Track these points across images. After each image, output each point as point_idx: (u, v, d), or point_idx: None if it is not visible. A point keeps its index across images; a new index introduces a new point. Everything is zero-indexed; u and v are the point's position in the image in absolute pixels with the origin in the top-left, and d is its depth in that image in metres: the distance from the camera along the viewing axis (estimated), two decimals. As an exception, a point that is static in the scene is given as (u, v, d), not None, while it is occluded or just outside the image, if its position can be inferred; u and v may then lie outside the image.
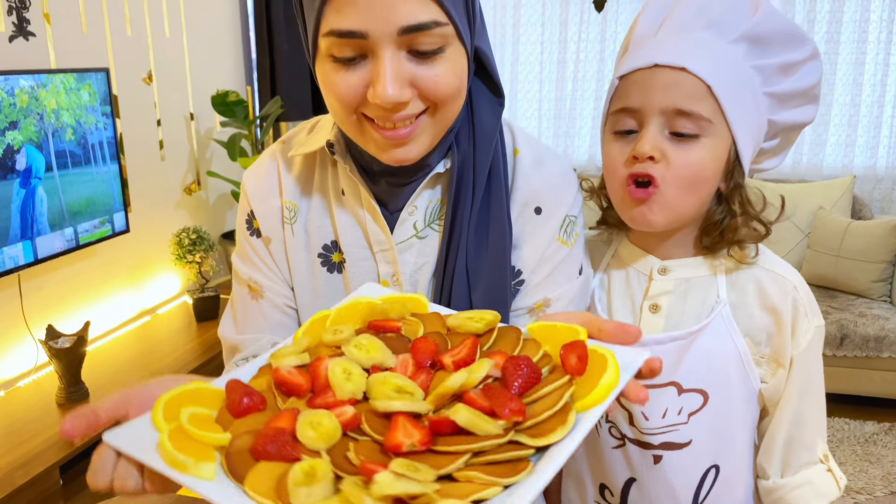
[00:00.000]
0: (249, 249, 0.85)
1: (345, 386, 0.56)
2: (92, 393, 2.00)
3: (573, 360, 0.55)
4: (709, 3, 0.79)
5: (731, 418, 0.84)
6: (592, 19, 3.64)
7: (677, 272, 0.84)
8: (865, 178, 3.47)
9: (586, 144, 3.81)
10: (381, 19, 0.62)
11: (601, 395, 0.52)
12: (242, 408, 0.56)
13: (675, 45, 0.78)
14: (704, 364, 0.82)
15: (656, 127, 0.76)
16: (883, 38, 3.34)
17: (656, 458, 0.85)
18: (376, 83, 0.65)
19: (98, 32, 2.32)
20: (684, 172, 0.76)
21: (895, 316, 2.81)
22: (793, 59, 0.79)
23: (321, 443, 0.52)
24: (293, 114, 3.22)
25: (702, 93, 0.75)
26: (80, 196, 2.15)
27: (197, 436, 0.52)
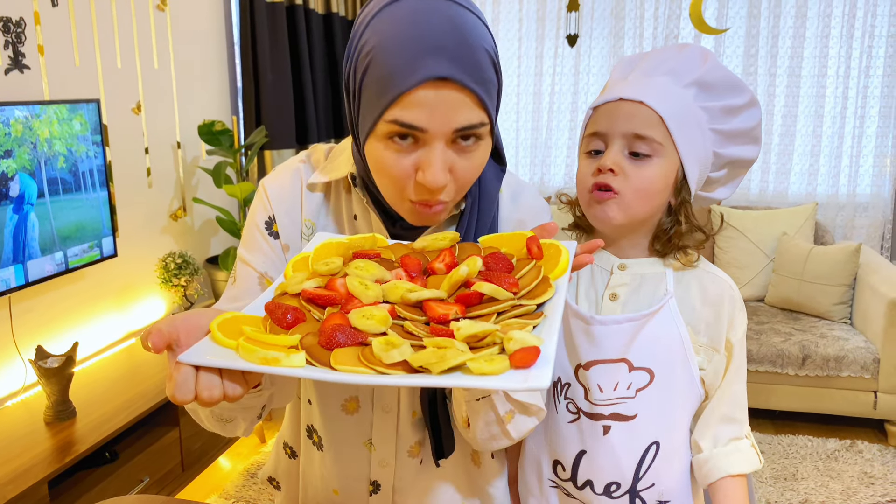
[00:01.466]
0: (267, 248, 0.92)
1: (367, 293, 0.68)
2: (79, 411, 2.07)
3: (535, 249, 0.73)
4: (668, 56, 0.99)
5: (672, 399, 0.98)
6: (566, 53, 3.79)
7: (634, 269, 1.01)
8: (827, 206, 3.62)
9: (561, 173, 3.94)
10: (441, 122, 0.75)
11: (563, 267, 0.70)
12: (288, 322, 0.66)
13: (637, 85, 0.97)
14: (652, 346, 0.97)
15: (618, 147, 0.95)
16: (841, 72, 3.51)
17: (605, 428, 0.98)
18: (426, 169, 0.76)
19: (90, 65, 2.42)
20: (638, 185, 0.94)
21: (854, 337, 2.94)
22: (734, 103, 0.98)
23: (380, 326, 0.63)
24: (277, 143, 3.32)
25: (655, 121, 0.94)
26: (71, 221, 2.23)
27: (272, 340, 0.61)
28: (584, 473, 1.00)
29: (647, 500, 0.99)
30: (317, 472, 1.04)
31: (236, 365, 0.59)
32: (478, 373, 0.57)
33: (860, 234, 3.61)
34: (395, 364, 0.58)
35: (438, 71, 0.73)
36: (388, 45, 0.74)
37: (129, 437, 2.20)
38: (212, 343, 0.62)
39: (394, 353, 0.58)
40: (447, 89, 0.74)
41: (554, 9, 3.76)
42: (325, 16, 3.60)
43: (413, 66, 0.73)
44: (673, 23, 3.63)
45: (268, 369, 0.59)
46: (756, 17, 3.54)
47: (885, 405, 2.86)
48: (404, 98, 0.74)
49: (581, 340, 1.00)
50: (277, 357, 0.59)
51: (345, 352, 0.61)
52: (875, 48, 3.47)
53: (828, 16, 3.48)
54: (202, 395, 0.60)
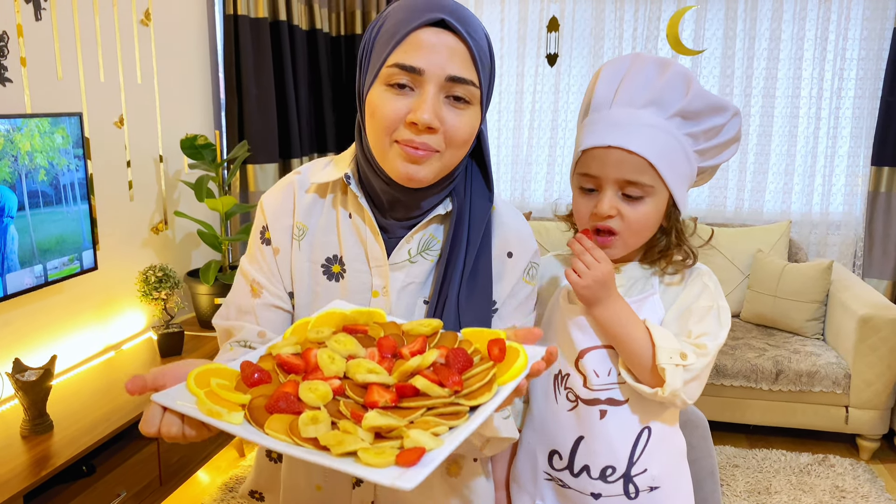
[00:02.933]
0: (259, 254, 1.01)
1: (330, 367, 0.76)
2: (56, 425, 2.06)
3: (496, 351, 0.78)
4: (649, 82, 1.02)
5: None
6: (546, 72, 3.85)
7: (627, 272, 1.10)
8: (801, 223, 3.69)
9: (541, 189, 3.99)
10: (437, 64, 0.85)
11: (515, 373, 0.75)
12: (254, 380, 0.75)
13: (623, 128, 1.00)
14: None
15: (612, 191, 1.01)
16: (814, 93, 3.60)
17: (602, 412, 1.05)
18: (418, 108, 0.85)
19: (72, 78, 2.43)
20: (635, 224, 1.02)
21: (826, 353, 2.99)
22: (717, 123, 1.03)
23: (319, 401, 0.72)
24: (260, 157, 3.34)
25: (644, 167, 1.00)
26: (51, 234, 2.24)
27: (226, 395, 0.72)
28: (581, 459, 1.07)
29: (640, 485, 1.06)
30: (300, 470, 1.06)
31: (187, 411, 0.70)
32: (363, 462, 0.64)
33: (833, 251, 3.68)
34: (308, 438, 0.67)
35: (438, 14, 0.85)
36: (399, 7, 0.88)
37: (107, 451, 2.20)
38: (185, 390, 0.73)
39: (310, 429, 0.67)
40: (445, 35, 0.86)
41: (534, 28, 3.82)
42: (309, 32, 3.64)
43: (416, 15, 0.85)
44: (651, 43, 3.70)
45: (210, 420, 0.69)
46: (732, 38, 3.62)
47: (856, 420, 2.91)
48: (405, 41, 0.85)
49: (576, 333, 1.07)
50: (220, 412, 0.69)
51: (281, 418, 0.70)
52: (846, 70, 3.56)
53: (801, 38, 3.56)
54: (162, 431, 0.71)
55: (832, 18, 3.53)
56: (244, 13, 3.21)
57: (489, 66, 0.91)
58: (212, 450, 2.61)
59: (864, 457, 2.95)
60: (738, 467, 2.83)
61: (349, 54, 3.81)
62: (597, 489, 1.06)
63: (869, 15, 3.48)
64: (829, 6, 3.52)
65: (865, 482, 2.73)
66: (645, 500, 1.06)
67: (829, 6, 3.52)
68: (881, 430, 2.92)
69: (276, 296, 1.00)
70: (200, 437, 0.73)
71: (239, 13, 3.20)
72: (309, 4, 3.61)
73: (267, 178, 3.39)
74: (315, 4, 3.61)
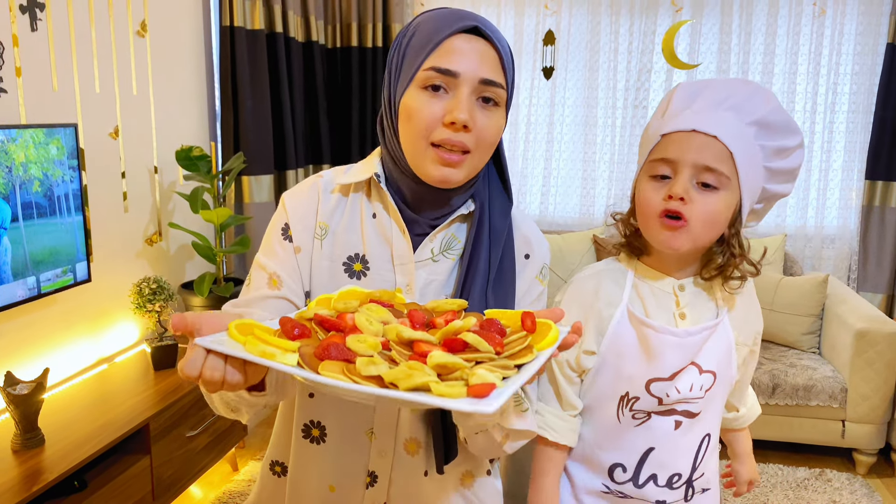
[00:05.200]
0: (280, 250, 1.02)
1: (369, 328, 0.76)
2: (48, 439, 2.03)
3: (528, 323, 0.79)
4: (732, 92, 1.04)
5: (722, 395, 1.13)
6: (542, 85, 3.86)
7: (690, 288, 1.11)
8: (796, 237, 3.70)
9: (537, 201, 3.99)
10: (470, 68, 0.91)
11: (551, 342, 0.77)
12: (295, 335, 0.74)
13: (709, 118, 1.02)
14: (714, 351, 1.09)
15: (687, 176, 1.01)
16: (808, 107, 3.62)
17: (677, 423, 1.09)
18: (456, 108, 0.90)
19: (68, 89, 2.42)
20: (705, 215, 1.01)
21: (823, 367, 2.99)
22: (787, 144, 1.04)
23: (369, 350, 0.71)
24: (255, 168, 3.33)
25: (726, 157, 1.00)
26: (44, 246, 2.21)
27: (275, 342, 0.71)
28: (649, 469, 1.10)
29: (696, 488, 1.12)
30: (313, 471, 1.06)
31: (239, 353, 0.68)
32: (437, 393, 0.64)
33: (827, 265, 3.69)
34: (370, 377, 0.66)
35: (470, 23, 0.92)
36: (430, 17, 0.94)
37: (99, 466, 2.17)
38: (227, 337, 0.72)
39: (371, 368, 0.66)
40: (477, 41, 0.92)
41: (530, 42, 3.83)
42: (305, 44, 3.64)
43: (449, 23, 0.91)
44: (646, 57, 3.72)
45: (264, 361, 0.67)
46: (727, 53, 3.64)
47: (852, 434, 2.91)
48: (441, 46, 0.90)
49: (671, 353, 1.08)
50: (274, 353, 0.68)
51: (333, 363, 0.69)
52: (840, 85, 3.58)
53: (795, 53, 3.58)
54: (205, 374, 0.69)
55: (826, 34, 3.55)
56: (240, 25, 3.20)
57: (512, 71, 0.97)
58: (206, 463, 2.58)
59: (861, 471, 2.94)
60: (735, 482, 2.82)
61: (345, 66, 3.81)
62: (662, 496, 1.11)
63: (862, 30, 3.50)
64: (823, 21, 3.54)
65: (863, 497, 2.72)
66: (697, 501, 1.14)
67: (823, 21, 3.54)
68: (878, 445, 2.91)
69: (294, 292, 1.01)
70: (240, 384, 0.72)
71: (235, 25, 3.20)
72: (305, 17, 3.61)
73: (262, 189, 3.38)
74: (311, 17, 3.61)
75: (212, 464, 2.63)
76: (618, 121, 3.81)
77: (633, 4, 3.71)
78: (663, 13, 3.69)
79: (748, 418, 1.27)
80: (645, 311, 1.10)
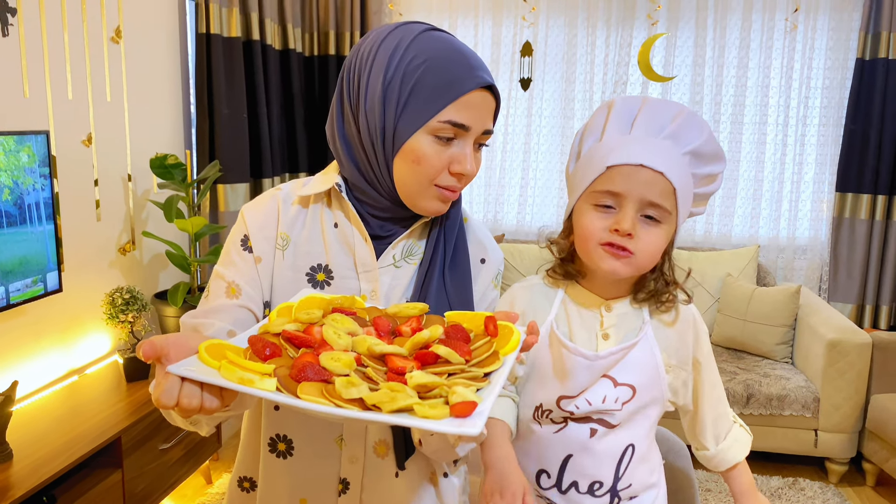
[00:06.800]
0: (239, 260, 1.03)
1: (338, 341, 0.77)
2: (16, 453, 1.98)
3: (491, 327, 0.82)
4: (669, 119, 1.05)
5: (646, 409, 1.12)
6: (519, 96, 3.88)
7: (617, 309, 1.12)
8: (769, 248, 3.75)
9: (514, 211, 4.00)
10: (481, 123, 0.97)
11: (514, 345, 0.79)
12: (266, 355, 0.75)
13: (652, 150, 1.03)
14: (634, 367, 1.10)
15: (633, 210, 1.02)
16: (780, 120, 3.68)
17: (592, 431, 1.10)
18: (464, 161, 0.96)
19: (39, 96, 2.38)
20: (648, 247, 1.04)
21: (796, 376, 3.03)
22: (715, 171, 1.08)
23: (345, 368, 0.72)
24: (231, 177, 3.30)
25: (669, 192, 1.02)
26: (14, 255, 2.17)
27: (250, 366, 0.70)
28: (570, 476, 1.12)
29: (623, 497, 1.13)
30: (283, 485, 1.05)
31: (217, 381, 0.68)
32: (421, 415, 0.65)
33: (799, 275, 3.74)
34: (352, 400, 0.67)
35: (488, 80, 0.96)
36: (443, 58, 0.94)
37: (69, 481, 2.12)
38: (198, 361, 0.71)
39: (353, 391, 0.67)
40: (488, 98, 0.97)
41: (508, 53, 3.85)
42: (283, 52, 3.62)
43: (468, 77, 0.94)
44: (622, 69, 3.75)
45: (244, 388, 0.67)
46: (701, 65, 3.69)
47: (824, 444, 2.95)
48: (461, 100, 0.93)
49: (581, 373, 1.09)
50: (252, 379, 0.68)
51: (310, 385, 0.69)
52: (811, 98, 3.65)
53: (767, 67, 3.64)
54: (182, 403, 0.69)
55: (797, 48, 3.62)
56: (217, 32, 3.18)
57: None
58: (178, 477, 2.53)
59: (833, 480, 2.98)
60: (710, 491, 2.84)
61: (322, 74, 3.80)
62: (587, 503, 1.12)
63: (832, 46, 3.57)
64: (795, 36, 3.61)
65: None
66: None
67: (795, 36, 3.61)
68: (849, 454, 2.95)
69: (253, 300, 1.01)
70: (220, 408, 0.72)
71: (212, 32, 3.17)
72: (282, 24, 3.59)
73: (238, 198, 3.35)
74: (288, 24, 3.59)
75: (185, 477, 2.59)
76: (594, 132, 3.83)
77: (610, 17, 3.75)
78: (639, 26, 3.73)
79: (725, 460, 1.19)
80: (569, 329, 1.12)
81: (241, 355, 0.73)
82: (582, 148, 1.12)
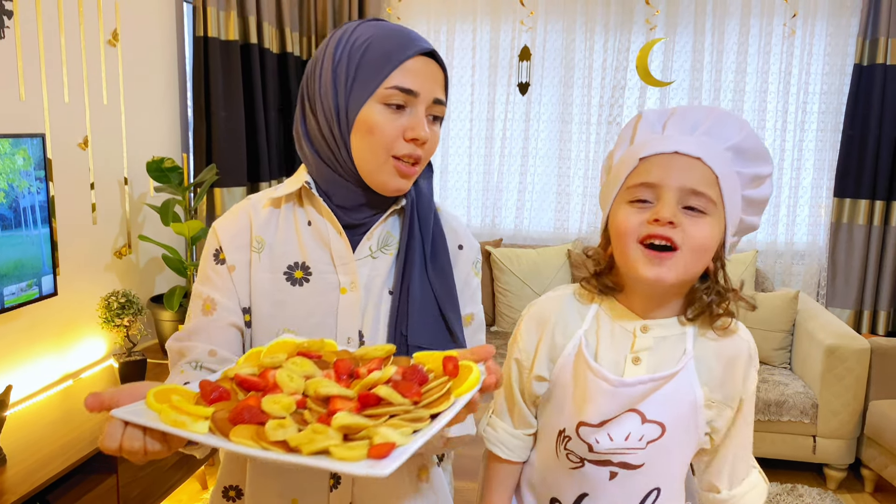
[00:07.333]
0: (213, 275, 1.04)
1: (289, 384, 0.78)
2: (10, 458, 1.97)
3: (450, 367, 0.81)
4: (703, 118, 0.98)
5: (679, 450, 1.01)
6: (517, 100, 3.87)
7: (656, 331, 1.00)
8: (767, 253, 3.74)
9: (512, 216, 4.00)
10: (428, 88, 0.99)
11: (470, 386, 0.78)
12: (213, 398, 0.76)
13: (689, 141, 0.95)
14: (667, 403, 0.98)
15: (673, 199, 0.93)
16: (778, 126, 3.68)
17: (612, 474, 1.00)
18: (416, 126, 0.98)
19: (35, 99, 2.37)
20: (696, 241, 0.92)
21: (794, 382, 3.02)
22: (762, 172, 0.98)
23: (282, 412, 0.73)
24: (228, 180, 3.29)
25: (711, 180, 0.93)
26: (9, 259, 2.15)
27: (188, 408, 0.73)
28: None
29: None
30: (272, 488, 1.05)
31: (150, 424, 0.71)
32: (337, 457, 0.67)
33: (797, 280, 3.74)
34: (277, 441, 0.68)
35: (428, 46, 1.00)
36: (384, 34, 0.99)
37: (64, 486, 2.10)
38: (144, 406, 0.73)
39: (279, 433, 0.69)
40: (431, 64, 1.00)
41: (506, 57, 3.85)
42: (280, 55, 3.61)
43: (409, 45, 0.98)
44: (620, 74, 3.75)
45: (174, 430, 0.70)
46: (699, 70, 3.69)
47: (823, 450, 2.94)
48: (403, 66, 0.97)
49: (596, 402, 0.98)
50: (185, 422, 0.71)
51: (245, 427, 0.71)
52: (809, 104, 3.65)
53: (765, 72, 3.64)
54: (125, 446, 0.71)
55: (795, 54, 3.62)
56: (214, 35, 3.17)
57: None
58: (174, 482, 2.52)
59: (832, 486, 2.97)
60: (708, 497, 2.82)
61: (320, 79, 3.79)
62: None
63: (830, 51, 3.57)
64: (793, 42, 3.61)
65: (833, 512, 2.74)
66: None
67: (793, 42, 3.61)
68: (847, 460, 2.94)
69: (230, 311, 1.03)
70: (162, 452, 0.74)
71: (209, 35, 3.16)
72: (280, 28, 3.59)
73: (235, 201, 3.33)
74: (286, 28, 3.59)
75: (180, 482, 2.57)
76: (592, 136, 3.84)
77: (608, 22, 3.75)
78: (637, 31, 3.73)
79: None
80: (597, 348, 1.01)
81: (190, 400, 0.76)
82: (612, 161, 1.06)
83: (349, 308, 1.01)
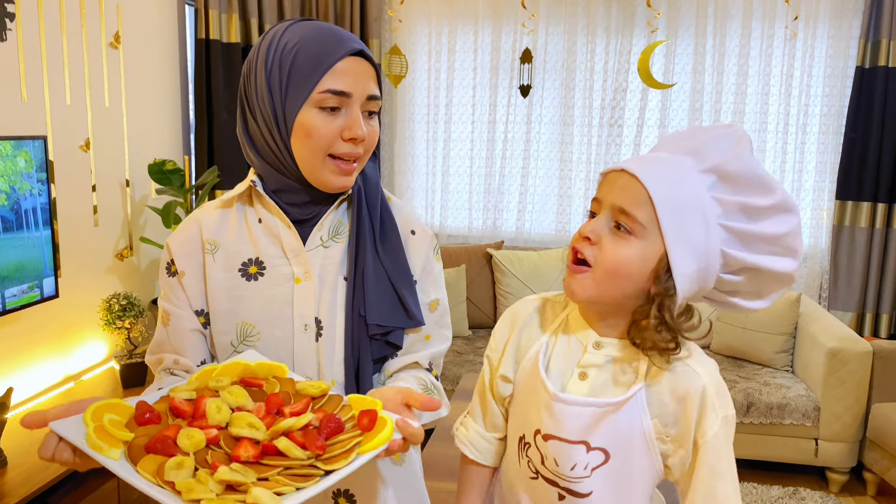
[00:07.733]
0: (166, 288, 1.10)
1: (215, 416, 0.83)
2: (11, 460, 1.97)
3: (365, 421, 0.84)
4: (696, 133, 0.93)
5: (631, 477, 0.95)
6: (519, 103, 3.87)
7: (608, 350, 0.96)
8: (769, 256, 3.73)
9: (513, 218, 3.99)
10: (360, 88, 1.01)
11: (376, 445, 0.81)
12: (144, 420, 0.83)
13: (646, 160, 0.91)
14: (613, 431, 0.93)
15: (605, 217, 0.91)
16: (780, 128, 3.67)
17: (560, 495, 0.98)
18: (353, 125, 1.00)
19: (37, 101, 2.37)
20: (609, 262, 0.89)
21: (796, 385, 3.02)
22: (755, 203, 0.88)
23: (191, 448, 0.79)
24: (230, 182, 3.29)
25: (643, 200, 0.88)
26: (10, 261, 2.15)
27: (112, 432, 0.79)
28: None
29: None
30: None
31: (74, 441, 0.77)
32: None
33: (799, 283, 3.73)
34: (168, 481, 0.74)
35: (356, 46, 1.01)
36: (312, 37, 1.00)
37: (64, 488, 2.10)
38: (81, 421, 0.80)
39: (172, 473, 0.74)
40: (362, 63, 1.02)
41: (507, 60, 3.85)
42: (282, 58, 3.61)
43: (337, 46, 1.00)
44: (622, 76, 3.75)
45: (92, 453, 0.76)
46: (700, 73, 3.68)
47: (825, 453, 2.93)
48: (333, 69, 0.98)
49: (542, 413, 0.96)
50: (102, 447, 0.76)
51: (152, 459, 0.76)
52: (811, 106, 3.64)
53: (767, 74, 3.64)
54: (56, 457, 0.79)
55: (797, 56, 3.61)
56: (216, 38, 3.17)
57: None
58: (174, 485, 2.51)
59: (834, 490, 2.96)
60: (710, 500, 2.82)
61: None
62: None
63: (832, 54, 3.57)
64: (795, 44, 3.60)
65: (835, 515, 2.73)
66: None
67: (795, 44, 3.60)
68: (850, 463, 2.94)
69: (183, 318, 1.08)
70: (88, 466, 0.80)
71: (211, 38, 3.16)
72: (282, 30, 3.59)
73: (236, 204, 3.34)
74: (288, 31, 3.59)
75: (181, 485, 2.56)
76: (593, 139, 3.84)
77: (609, 24, 3.75)
78: (638, 33, 3.73)
79: None
80: (549, 360, 0.99)
81: (127, 417, 0.83)
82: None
83: (304, 297, 1.04)
